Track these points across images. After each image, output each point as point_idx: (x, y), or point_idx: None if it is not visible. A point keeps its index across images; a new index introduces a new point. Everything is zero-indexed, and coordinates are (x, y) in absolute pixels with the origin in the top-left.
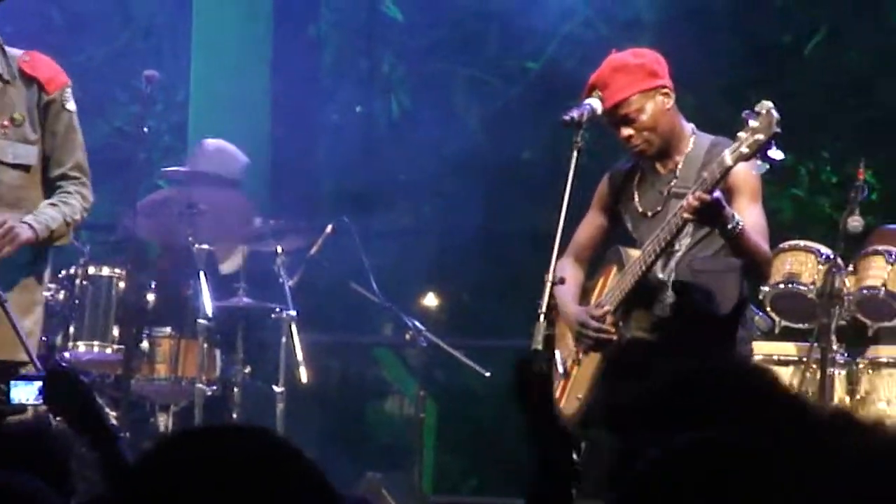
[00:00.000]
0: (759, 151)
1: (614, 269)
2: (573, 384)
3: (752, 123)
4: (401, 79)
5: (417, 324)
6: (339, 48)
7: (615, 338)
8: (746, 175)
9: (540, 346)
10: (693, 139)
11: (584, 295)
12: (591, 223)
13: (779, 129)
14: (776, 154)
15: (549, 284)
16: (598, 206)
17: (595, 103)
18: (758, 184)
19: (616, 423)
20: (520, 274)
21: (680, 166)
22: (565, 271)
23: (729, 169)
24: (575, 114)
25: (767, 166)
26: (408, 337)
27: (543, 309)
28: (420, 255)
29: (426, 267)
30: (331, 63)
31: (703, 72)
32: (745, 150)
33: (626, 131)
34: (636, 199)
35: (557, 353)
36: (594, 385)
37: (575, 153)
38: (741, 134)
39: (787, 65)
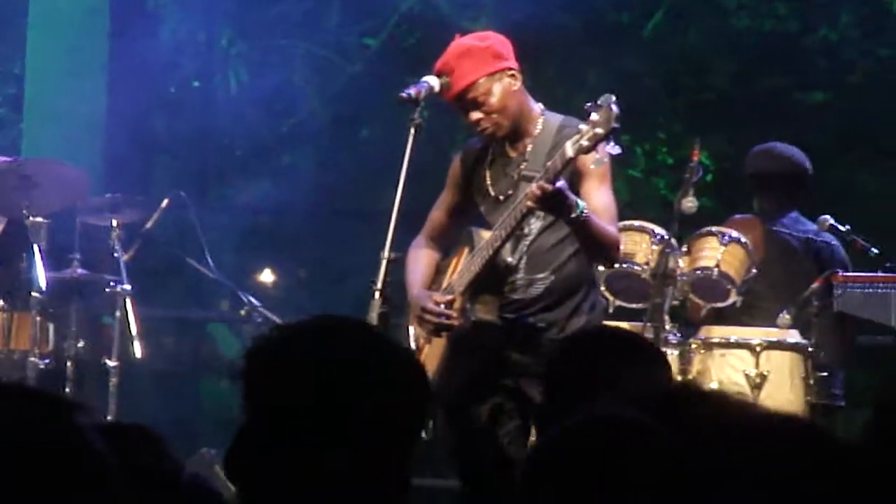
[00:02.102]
0: (599, 145)
1: (466, 251)
2: (424, 362)
3: (593, 117)
4: (239, 54)
5: (253, 300)
6: (177, 22)
7: (456, 324)
8: (596, 158)
9: (374, 323)
10: (542, 120)
11: (438, 274)
12: (444, 203)
13: (617, 125)
14: (613, 149)
15: (384, 262)
16: (451, 186)
17: (433, 80)
18: (607, 167)
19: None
20: (357, 251)
21: (529, 148)
22: (419, 255)
23: (570, 160)
24: (412, 91)
25: (617, 150)
26: (243, 313)
27: (378, 286)
28: (257, 231)
29: (263, 243)
30: (169, 37)
31: (542, 51)
32: (584, 142)
33: (475, 115)
34: (487, 181)
35: (411, 330)
36: (442, 363)
37: (413, 130)
38: (582, 126)
39: (625, 45)
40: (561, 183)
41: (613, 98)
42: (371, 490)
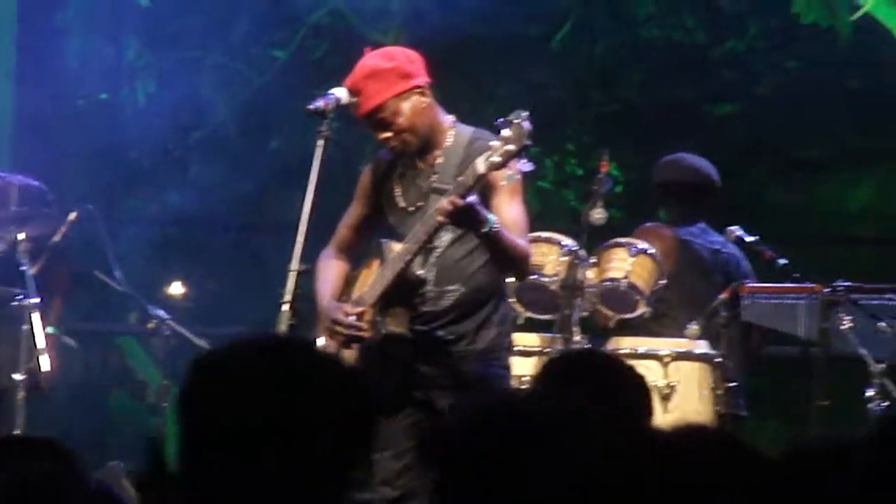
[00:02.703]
0: (510, 161)
1: (376, 263)
2: None
3: (505, 132)
4: (147, 66)
5: (162, 313)
6: (84, 34)
7: (366, 336)
8: (507, 174)
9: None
10: (453, 132)
11: (348, 285)
12: (354, 214)
13: (529, 142)
14: (524, 166)
15: (293, 274)
16: (360, 198)
17: (341, 93)
18: (518, 182)
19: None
20: (267, 263)
21: (439, 161)
22: (329, 266)
23: (481, 177)
24: (321, 103)
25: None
26: (151, 325)
27: (287, 298)
28: (166, 244)
29: (172, 255)
30: (76, 49)
31: (451, 63)
32: (496, 159)
33: (384, 134)
34: (397, 193)
35: (321, 341)
36: None
37: (321, 142)
38: (494, 143)
39: (533, 57)
40: (472, 198)
41: (525, 114)
42: None
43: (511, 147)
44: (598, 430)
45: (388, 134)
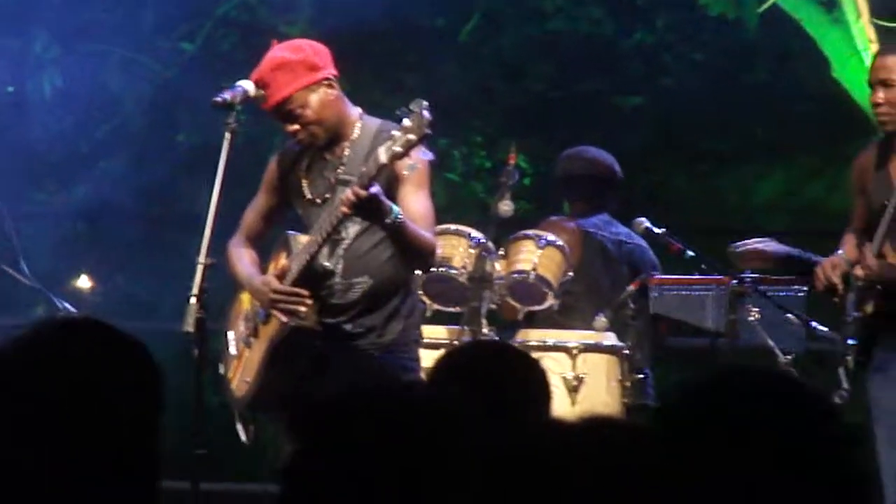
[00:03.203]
0: (412, 150)
1: (283, 255)
2: (244, 367)
3: (405, 122)
4: (54, 59)
5: (69, 306)
6: None
7: (309, 305)
8: (408, 164)
9: (191, 329)
10: (360, 125)
11: None
12: (260, 205)
13: (429, 130)
14: (425, 155)
15: (201, 267)
16: (267, 189)
17: (248, 85)
18: (424, 172)
19: (296, 425)
20: (175, 256)
21: (346, 153)
22: (244, 254)
23: (384, 166)
24: (227, 95)
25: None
26: None
27: (195, 291)
28: (74, 237)
29: (79, 249)
30: None
31: (358, 55)
32: (397, 148)
33: (292, 127)
34: (304, 185)
35: (230, 335)
36: (262, 369)
37: (228, 135)
38: (395, 132)
39: (442, 49)
40: (375, 188)
41: (425, 103)
42: (120, 490)
43: (412, 136)
44: (467, 423)
45: (296, 126)
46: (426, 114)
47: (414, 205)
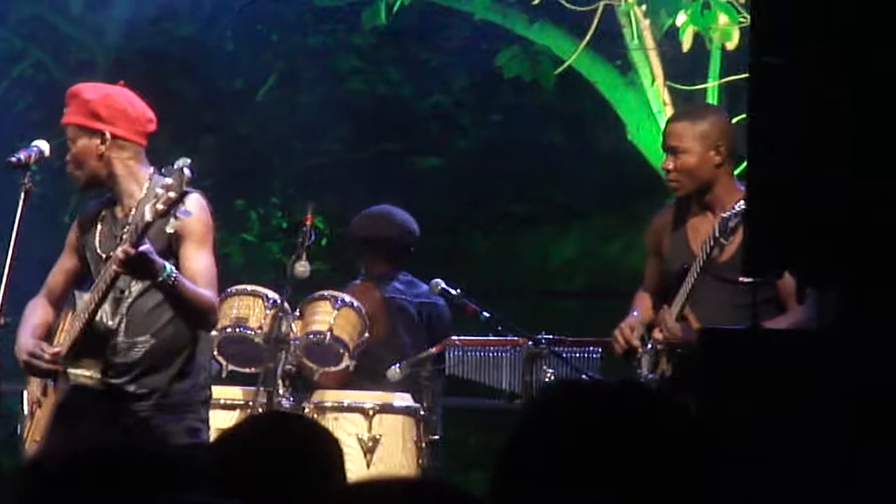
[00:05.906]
0: (173, 207)
1: (70, 313)
2: (35, 427)
3: (167, 181)
4: None
5: None
6: None
7: (60, 368)
8: (193, 221)
9: None
10: (148, 184)
11: (49, 336)
12: (61, 266)
13: (189, 189)
14: (182, 214)
15: None
16: (69, 248)
17: (43, 145)
18: (205, 229)
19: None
20: None
21: (133, 211)
22: (35, 312)
23: (149, 224)
24: (22, 155)
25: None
26: None
27: None
28: None
29: None
30: None
31: (157, 115)
32: (160, 206)
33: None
34: (97, 241)
35: (25, 395)
36: (49, 429)
37: (23, 194)
38: (158, 190)
39: (240, 110)
40: (145, 246)
41: (188, 161)
42: None
43: (173, 194)
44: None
45: (68, 157)
46: (186, 171)
47: (193, 263)
